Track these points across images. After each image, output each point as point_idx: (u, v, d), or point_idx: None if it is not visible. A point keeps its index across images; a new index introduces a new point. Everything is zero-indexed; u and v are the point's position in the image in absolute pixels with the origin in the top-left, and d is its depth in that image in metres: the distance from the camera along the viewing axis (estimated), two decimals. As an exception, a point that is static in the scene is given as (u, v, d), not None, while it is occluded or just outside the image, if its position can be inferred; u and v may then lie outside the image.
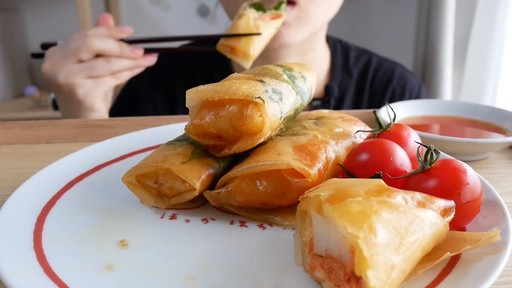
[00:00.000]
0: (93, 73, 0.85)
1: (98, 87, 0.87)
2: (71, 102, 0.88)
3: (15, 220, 0.46)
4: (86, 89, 0.86)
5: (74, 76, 0.85)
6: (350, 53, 1.18)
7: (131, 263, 0.42)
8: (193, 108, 0.50)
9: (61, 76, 0.85)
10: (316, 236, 0.38)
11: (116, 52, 0.86)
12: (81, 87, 0.85)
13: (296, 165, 0.46)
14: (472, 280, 0.37)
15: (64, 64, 0.85)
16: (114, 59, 0.86)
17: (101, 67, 0.85)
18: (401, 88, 1.16)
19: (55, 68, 0.85)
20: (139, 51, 0.88)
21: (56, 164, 0.58)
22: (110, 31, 0.87)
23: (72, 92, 0.86)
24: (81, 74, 0.85)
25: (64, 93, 0.87)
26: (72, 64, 0.85)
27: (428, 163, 0.45)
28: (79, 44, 0.84)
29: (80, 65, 0.85)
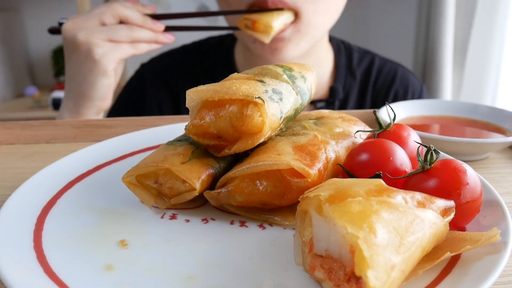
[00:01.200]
0: (114, 36, 0.86)
1: (115, 51, 0.87)
2: (85, 63, 0.87)
3: (15, 220, 0.46)
4: (104, 50, 0.86)
5: (95, 36, 0.85)
6: (353, 54, 1.18)
7: (131, 263, 0.42)
8: (193, 108, 0.50)
9: (82, 34, 0.85)
10: (316, 236, 0.38)
11: (139, 21, 0.87)
12: (99, 47, 0.85)
13: (296, 165, 0.46)
14: (472, 280, 0.37)
15: (87, 24, 0.86)
16: (136, 27, 0.87)
17: (122, 32, 0.86)
18: (404, 88, 1.16)
19: (77, 26, 0.86)
20: (160, 25, 0.89)
21: (56, 164, 0.58)
22: (136, 5, 0.90)
23: (89, 51, 0.85)
24: (102, 35, 0.85)
25: (80, 52, 0.86)
26: (95, 25, 0.86)
27: (428, 163, 0.45)
28: (105, 8, 0.86)
29: (102, 27, 0.86)
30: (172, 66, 1.18)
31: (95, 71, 0.88)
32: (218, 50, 1.18)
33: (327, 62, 1.14)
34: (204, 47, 1.20)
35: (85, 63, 0.87)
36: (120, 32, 0.86)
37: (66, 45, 0.89)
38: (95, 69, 0.87)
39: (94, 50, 0.85)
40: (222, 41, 1.19)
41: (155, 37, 0.90)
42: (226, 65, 1.14)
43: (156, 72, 1.18)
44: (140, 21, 0.88)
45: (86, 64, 0.87)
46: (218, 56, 1.16)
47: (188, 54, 1.20)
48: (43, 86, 2.78)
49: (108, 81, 0.89)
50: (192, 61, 1.18)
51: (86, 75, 0.88)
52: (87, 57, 0.86)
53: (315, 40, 1.00)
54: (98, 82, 0.89)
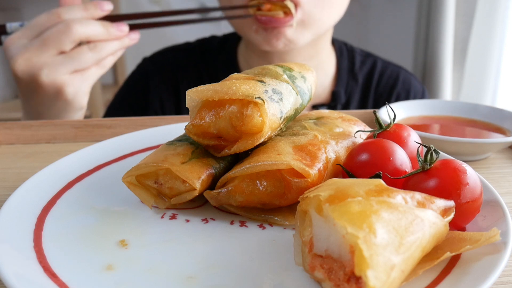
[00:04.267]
0: (80, 65, 0.74)
1: (86, 82, 0.76)
2: (56, 103, 0.77)
3: (15, 220, 0.46)
4: (75, 87, 0.75)
5: (60, 72, 0.73)
6: (356, 57, 1.17)
7: (131, 263, 0.42)
8: (193, 108, 0.50)
9: (44, 74, 0.72)
10: (316, 236, 0.38)
11: (103, 35, 0.74)
12: (70, 85, 0.74)
13: (296, 165, 0.46)
14: (472, 280, 0.37)
15: (44, 58, 0.72)
16: (100, 44, 0.74)
17: (87, 57, 0.74)
18: (406, 92, 1.16)
19: (34, 64, 0.72)
20: (125, 28, 0.77)
21: (56, 164, 0.58)
22: (89, 10, 0.75)
23: (59, 92, 0.75)
24: (67, 68, 0.73)
25: (48, 94, 0.75)
26: (53, 57, 0.72)
27: (428, 163, 0.45)
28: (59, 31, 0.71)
29: (63, 57, 0.73)
30: (175, 62, 1.17)
31: (70, 110, 0.79)
32: (221, 49, 1.17)
33: (329, 65, 1.14)
34: (207, 45, 1.19)
35: (56, 103, 0.77)
36: (85, 58, 0.74)
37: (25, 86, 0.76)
38: (70, 108, 0.78)
39: (66, 91, 0.74)
40: (226, 40, 1.19)
41: (121, 45, 0.78)
42: (229, 65, 1.14)
43: (159, 67, 1.17)
44: (104, 35, 0.74)
45: (57, 104, 0.77)
46: (221, 55, 1.16)
47: (191, 51, 1.19)
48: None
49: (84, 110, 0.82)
50: (196, 59, 1.17)
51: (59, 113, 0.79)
52: (57, 98, 0.75)
53: (319, 32, 0.99)
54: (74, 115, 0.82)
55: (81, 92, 0.77)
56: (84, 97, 0.79)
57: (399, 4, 2.64)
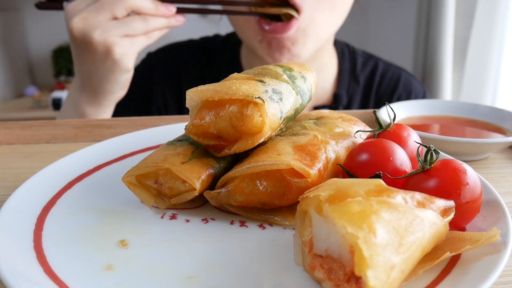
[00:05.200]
0: (130, 31, 0.82)
1: (134, 46, 0.83)
2: (104, 62, 0.83)
3: (15, 220, 0.46)
4: (124, 49, 0.82)
5: (111, 34, 0.80)
6: (358, 59, 1.17)
7: (131, 263, 0.42)
8: (193, 108, 0.50)
9: (97, 33, 0.79)
10: (316, 236, 0.38)
11: (152, 10, 0.83)
12: (119, 46, 0.81)
13: (296, 165, 0.46)
14: (472, 280, 0.37)
15: (99, 20, 0.79)
16: (150, 17, 0.83)
17: (137, 25, 0.82)
18: (407, 93, 1.17)
19: (89, 24, 0.80)
20: (172, 9, 0.85)
21: (56, 164, 0.58)
22: None
23: (108, 51, 0.81)
24: (118, 31, 0.80)
25: (97, 52, 0.81)
26: (108, 20, 0.80)
27: (428, 163, 0.45)
28: None
29: (116, 22, 0.81)
30: (179, 59, 1.18)
31: (117, 70, 0.84)
32: (224, 49, 1.18)
33: (331, 66, 1.14)
34: (211, 45, 1.20)
35: (105, 62, 0.83)
36: (135, 25, 0.82)
37: (78, 44, 0.84)
38: (116, 68, 0.84)
39: (114, 50, 0.81)
40: (229, 40, 1.19)
41: (168, 23, 0.86)
42: (232, 65, 1.14)
43: (163, 63, 1.18)
44: (153, 10, 0.83)
45: (106, 63, 0.83)
46: (224, 55, 1.16)
47: (195, 49, 1.20)
48: (43, 86, 2.78)
49: (129, 75, 0.88)
50: (199, 57, 1.18)
51: (107, 73, 0.85)
52: (106, 57, 0.82)
53: (322, 41, 0.99)
54: (121, 78, 0.87)
55: (128, 54, 0.83)
56: (131, 60, 0.85)
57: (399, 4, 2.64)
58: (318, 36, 0.96)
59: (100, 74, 0.85)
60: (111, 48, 0.81)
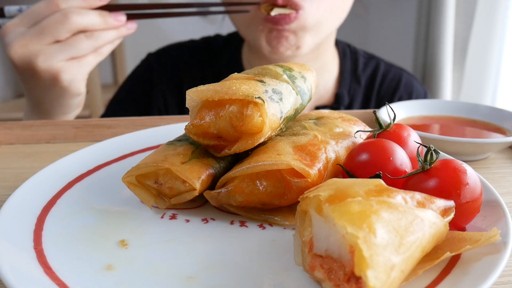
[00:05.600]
0: (76, 53, 0.74)
1: (82, 68, 0.77)
2: (52, 89, 0.77)
3: (15, 220, 0.46)
4: (71, 73, 0.75)
5: (55, 59, 0.73)
6: (359, 59, 1.17)
7: (131, 263, 0.42)
8: (193, 108, 0.50)
9: (40, 60, 0.73)
10: (316, 236, 0.38)
11: (100, 25, 0.75)
12: (65, 72, 0.75)
13: (296, 165, 0.46)
14: (472, 280, 0.37)
15: (40, 45, 0.72)
16: (97, 33, 0.75)
17: (84, 45, 0.74)
18: (408, 94, 1.17)
19: (29, 51, 0.73)
20: (122, 18, 0.77)
21: (56, 164, 0.58)
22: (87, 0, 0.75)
23: (55, 79, 0.75)
24: (63, 55, 0.74)
25: (44, 80, 0.75)
26: (50, 44, 0.73)
27: (428, 163, 0.45)
28: (56, 21, 0.72)
29: (59, 45, 0.73)
30: (180, 59, 1.17)
31: (67, 96, 0.79)
32: (225, 48, 1.18)
33: (332, 67, 1.14)
34: (212, 44, 1.19)
35: (53, 89, 0.77)
36: (82, 46, 0.74)
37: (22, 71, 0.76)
38: (66, 94, 0.79)
39: (61, 77, 0.75)
40: (230, 40, 1.19)
41: (119, 34, 0.79)
42: (233, 65, 1.14)
43: (163, 63, 1.17)
44: (101, 24, 0.75)
45: (55, 90, 0.78)
46: (225, 54, 1.16)
47: (196, 49, 1.19)
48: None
49: (82, 96, 0.82)
50: (200, 57, 1.17)
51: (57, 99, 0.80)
52: (54, 84, 0.76)
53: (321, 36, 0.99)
54: (72, 101, 0.82)
55: (77, 78, 0.78)
56: (81, 83, 0.79)
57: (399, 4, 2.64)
58: (318, 32, 0.96)
59: (50, 100, 0.80)
60: (57, 76, 0.75)
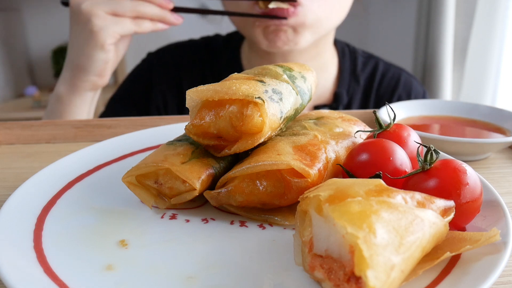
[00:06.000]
0: (117, 9, 0.82)
1: (116, 26, 0.84)
2: (82, 33, 0.85)
3: (15, 220, 0.46)
4: (104, 23, 0.83)
5: (97, 7, 0.82)
6: (358, 59, 1.17)
7: (131, 263, 0.42)
8: (193, 108, 0.50)
9: (85, 4, 0.82)
10: (316, 236, 0.38)
11: None
12: (99, 19, 0.82)
13: (296, 165, 0.46)
14: (472, 280, 0.37)
15: None
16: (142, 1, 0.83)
17: (127, 6, 0.82)
18: (407, 94, 1.17)
19: None
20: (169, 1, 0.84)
21: (56, 164, 0.58)
22: None
23: (88, 22, 0.83)
24: (105, 7, 0.82)
25: (81, 22, 0.84)
26: None
27: (428, 163, 0.45)
28: None
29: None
30: (179, 59, 1.18)
31: (91, 43, 0.85)
32: (225, 48, 1.18)
33: (331, 66, 1.14)
34: (212, 44, 1.20)
35: (82, 33, 0.84)
36: (124, 5, 0.82)
37: (71, 14, 0.86)
38: (91, 41, 0.84)
39: (93, 22, 0.82)
40: (230, 39, 1.20)
41: (162, 15, 0.85)
42: (233, 64, 1.14)
43: (163, 63, 1.18)
44: None
45: (83, 34, 0.84)
46: (225, 54, 1.17)
47: (196, 49, 1.20)
48: (43, 86, 2.78)
49: (105, 56, 0.87)
50: (200, 57, 1.18)
51: (83, 46, 0.86)
52: (85, 27, 0.83)
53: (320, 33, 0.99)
54: (95, 55, 0.86)
55: (107, 31, 0.83)
56: (108, 37, 0.84)
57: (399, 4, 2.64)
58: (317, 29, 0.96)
59: (78, 46, 0.86)
60: (91, 19, 0.82)
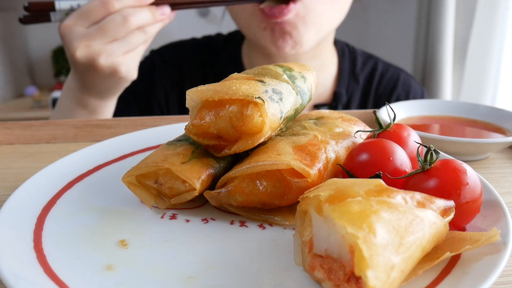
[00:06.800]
0: (131, 47, 0.83)
1: (136, 59, 0.86)
2: (110, 81, 0.86)
3: (15, 220, 0.46)
4: (128, 65, 0.84)
5: (115, 55, 0.82)
6: (357, 58, 1.18)
7: (131, 263, 0.42)
8: (193, 108, 0.50)
9: (102, 58, 0.81)
10: (315, 236, 0.38)
11: (151, 22, 0.83)
12: (123, 65, 0.83)
13: (296, 165, 0.46)
14: (472, 280, 0.37)
15: (102, 45, 0.80)
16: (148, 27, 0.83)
17: (138, 40, 0.83)
18: (406, 93, 1.18)
19: (93, 51, 0.80)
20: (167, 11, 0.85)
21: (56, 164, 0.58)
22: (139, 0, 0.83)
23: (114, 72, 0.83)
24: (121, 51, 0.82)
25: (104, 74, 0.83)
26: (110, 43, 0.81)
27: (428, 163, 0.45)
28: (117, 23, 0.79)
29: (118, 42, 0.81)
30: (182, 57, 1.19)
31: (123, 83, 0.88)
32: (226, 47, 1.18)
33: (331, 65, 1.15)
34: (213, 43, 1.20)
35: (111, 79, 0.85)
36: (136, 41, 0.83)
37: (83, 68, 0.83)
38: (123, 82, 0.87)
39: (120, 70, 0.83)
40: (231, 38, 1.20)
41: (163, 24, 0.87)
42: (234, 63, 1.14)
43: (166, 61, 1.19)
44: (151, 20, 0.83)
45: (112, 80, 0.85)
46: (226, 53, 1.17)
47: (197, 48, 1.21)
48: (43, 86, 2.78)
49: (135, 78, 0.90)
50: (201, 56, 1.19)
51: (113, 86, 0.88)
52: (113, 75, 0.84)
53: (323, 32, 1.00)
54: (126, 85, 0.90)
55: (133, 67, 0.86)
56: (135, 71, 0.87)
57: (399, 4, 2.64)
58: (319, 27, 0.97)
59: (105, 86, 0.88)
60: (117, 69, 0.83)
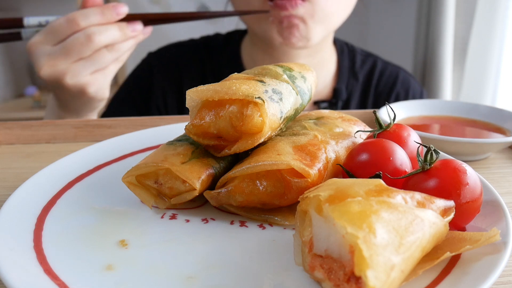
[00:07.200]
0: (100, 66, 0.80)
1: (106, 78, 0.83)
2: (80, 100, 0.84)
3: (15, 220, 0.46)
4: (97, 85, 0.82)
5: (82, 75, 0.79)
6: (357, 57, 1.19)
7: (131, 263, 0.42)
8: (193, 108, 0.50)
9: (68, 78, 0.78)
10: (315, 236, 0.38)
11: (120, 39, 0.80)
12: (92, 84, 0.81)
13: (296, 165, 0.46)
14: (472, 280, 0.37)
15: (67, 64, 0.78)
16: (118, 45, 0.80)
17: (106, 58, 0.80)
18: (405, 91, 1.18)
19: (58, 70, 0.78)
20: (139, 27, 0.82)
21: (56, 164, 0.58)
22: (106, 16, 0.78)
23: (82, 91, 0.81)
24: (88, 70, 0.79)
25: (72, 93, 0.82)
26: (76, 62, 0.78)
27: (428, 163, 0.45)
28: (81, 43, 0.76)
29: (84, 61, 0.79)
30: (180, 58, 1.18)
31: (93, 102, 0.86)
32: (225, 47, 1.18)
33: (330, 63, 1.15)
34: (212, 43, 1.20)
35: (81, 98, 0.83)
36: (105, 60, 0.79)
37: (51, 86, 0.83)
38: (93, 101, 0.85)
39: (88, 89, 0.81)
40: (229, 38, 1.20)
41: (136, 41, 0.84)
42: (233, 62, 1.14)
43: (164, 63, 1.18)
44: (121, 38, 0.79)
45: (82, 99, 0.84)
46: (225, 52, 1.17)
47: (196, 48, 1.20)
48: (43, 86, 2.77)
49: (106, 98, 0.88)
50: (200, 56, 1.18)
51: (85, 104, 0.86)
52: (81, 96, 0.82)
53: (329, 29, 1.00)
54: (99, 104, 0.88)
55: (103, 87, 0.84)
56: (106, 91, 0.85)
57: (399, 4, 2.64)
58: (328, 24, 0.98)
59: (78, 104, 0.86)
60: (84, 89, 0.81)
